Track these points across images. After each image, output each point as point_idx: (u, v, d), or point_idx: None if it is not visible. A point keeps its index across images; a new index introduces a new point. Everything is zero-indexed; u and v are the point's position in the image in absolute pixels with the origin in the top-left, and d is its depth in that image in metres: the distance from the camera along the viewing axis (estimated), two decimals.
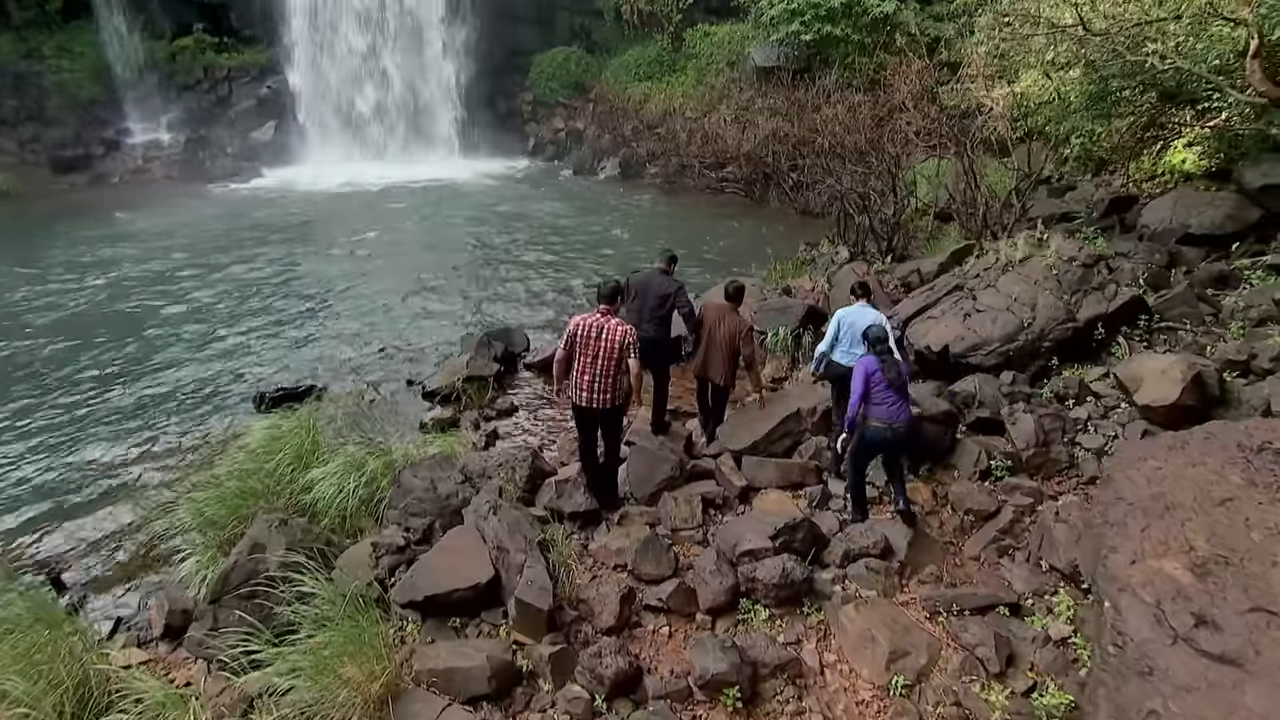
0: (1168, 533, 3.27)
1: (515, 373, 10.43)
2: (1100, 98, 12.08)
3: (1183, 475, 3.44)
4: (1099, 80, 11.72)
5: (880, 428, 5.60)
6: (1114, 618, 3.21)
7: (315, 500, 6.51)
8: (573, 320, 6.12)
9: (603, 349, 5.95)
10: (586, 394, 6.06)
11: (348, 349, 11.03)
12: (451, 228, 18.42)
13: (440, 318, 12.28)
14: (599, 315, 6.05)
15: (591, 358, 5.99)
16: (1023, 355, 6.82)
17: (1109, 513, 3.47)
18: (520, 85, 28.45)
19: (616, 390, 6.10)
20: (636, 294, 7.30)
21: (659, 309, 7.29)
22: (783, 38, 19.45)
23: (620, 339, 5.94)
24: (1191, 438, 3.77)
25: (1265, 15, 9.01)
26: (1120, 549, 3.29)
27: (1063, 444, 6.09)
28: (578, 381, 6.09)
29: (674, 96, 25.67)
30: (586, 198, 22.41)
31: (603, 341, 5.95)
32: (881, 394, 5.59)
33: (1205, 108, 11.79)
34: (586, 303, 13.06)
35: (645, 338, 6.88)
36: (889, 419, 5.57)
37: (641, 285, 7.39)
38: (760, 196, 21.81)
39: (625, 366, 6.04)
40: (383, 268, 14.84)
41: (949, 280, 7.95)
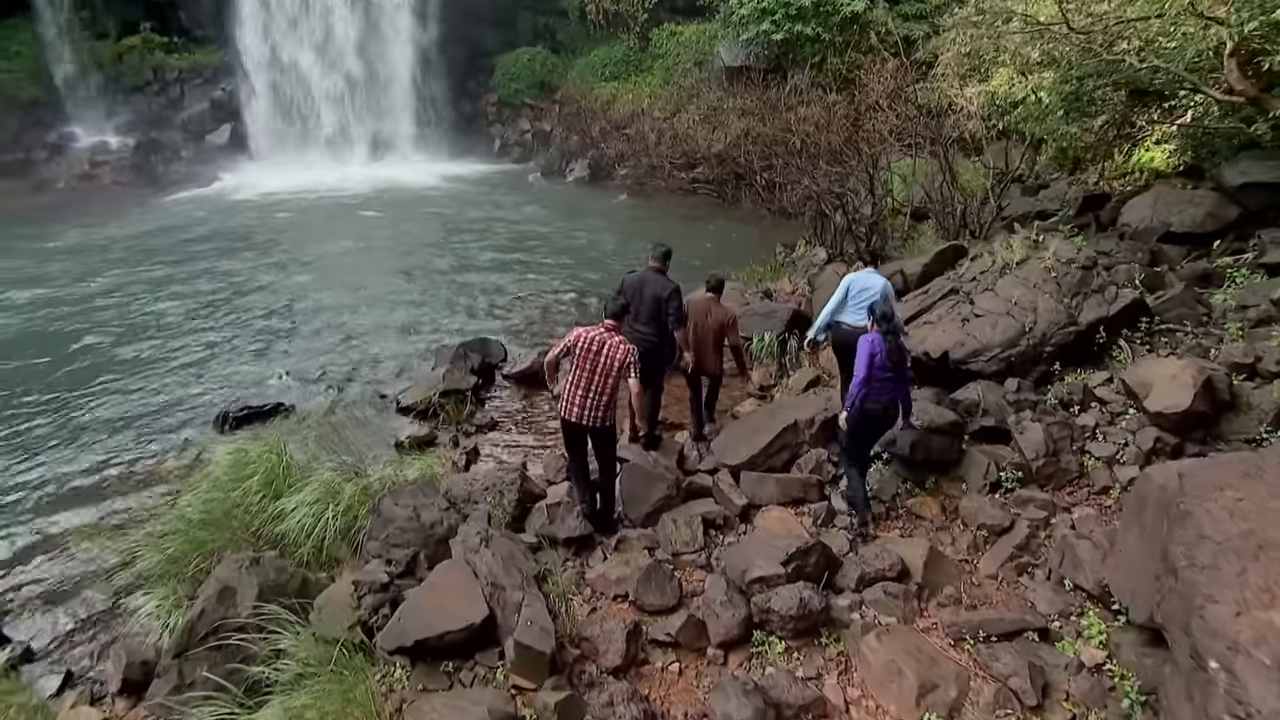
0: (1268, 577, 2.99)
1: (493, 385, 10.01)
2: (1076, 97, 12.08)
3: (1268, 508, 3.20)
4: (1074, 80, 11.70)
5: (876, 409, 5.67)
6: (1229, 683, 2.88)
7: (288, 531, 6.07)
8: (575, 331, 5.91)
9: (601, 365, 5.76)
10: (578, 409, 5.83)
11: (315, 363, 10.48)
12: (418, 233, 17.85)
13: (411, 329, 11.77)
14: (602, 330, 5.84)
15: (588, 373, 5.77)
16: (1024, 360, 6.64)
17: (1195, 553, 3.20)
18: (485, 86, 27.92)
19: (609, 409, 5.90)
20: (631, 295, 6.91)
21: (655, 311, 6.95)
22: (753, 37, 19.25)
23: (621, 358, 5.75)
24: (1265, 462, 3.54)
25: (1238, 8, 9.02)
26: (1219, 598, 3.03)
27: (1072, 453, 5.91)
28: (570, 395, 5.85)
29: (642, 97, 25.39)
30: (556, 200, 21.99)
31: (602, 358, 5.75)
32: (881, 375, 5.59)
33: (1172, 106, 11.87)
34: (563, 310, 12.68)
35: (642, 340, 6.76)
36: (882, 400, 5.66)
37: (635, 286, 7.03)
38: (733, 197, 21.61)
39: (622, 384, 5.88)
40: (348, 276, 14.25)
41: (943, 284, 7.76)
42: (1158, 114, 12.77)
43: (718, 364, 7.45)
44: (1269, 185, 9.48)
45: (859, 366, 5.58)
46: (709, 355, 7.33)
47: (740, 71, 22.48)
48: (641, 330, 7.00)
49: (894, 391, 5.71)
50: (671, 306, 6.83)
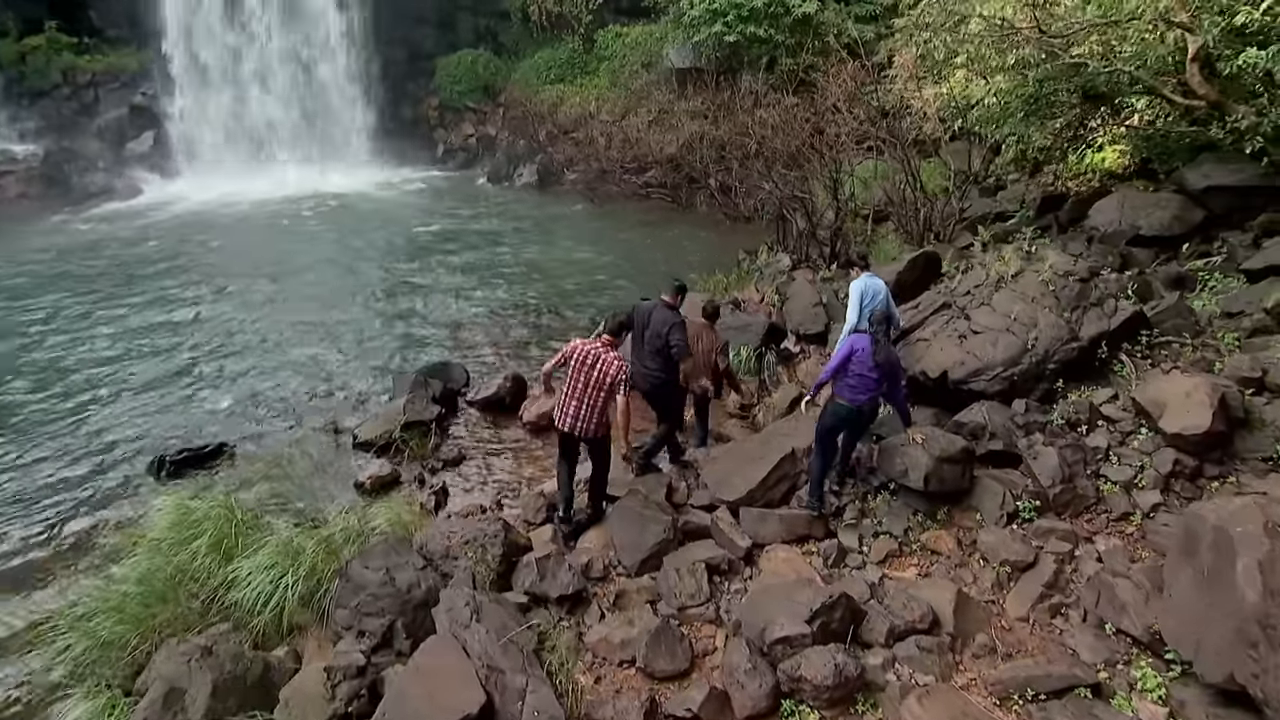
0: None
1: (457, 413, 9.36)
2: (1036, 100, 12.07)
3: None
4: (1035, 83, 11.68)
5: (845, 406, 5.76)
6: None
7: (243, 600, 5.38)
8: (572, 343, 6.07)
9: (593, 379, 5.88)
10: (571, 419, 6.01)
11: (259, 397, 9.62)
12: (362, 247, 16.90)
13: (363, 354, 10.96)
14: (599, 344, 5.95)
15: (581, 385, 5.91)
16: (1027, 379, 6.39)
17: None
18: (425, 90, 26.92)
19: (601, 421, 6.05)
20: (638, 325, 6.80)
21: (658, 344, 6.60)
22: (705, 39, 18.91)
23: (614, 373, 5.82)
24: None
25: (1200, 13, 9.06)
26: None
27: (1086, 477, 5.67)
28: (564, 404, 6.04)
29: (589, 100, 24.85)
30: (504, 207, 21.28)
31: (595, 371, 5.86)
32: (861, 373, 5.68)
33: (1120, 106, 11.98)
34: (526, 327, 12.05)
35: (648, 374, 6.75)
36: (854, 400, 5.74)
37: (642, 317, 6.79)
38: (687, 201, 21.26)
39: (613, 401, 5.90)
40: (289, 297, 13.30)
41: (934, 297, 7.49)
42: (1108, 116, 12.92)
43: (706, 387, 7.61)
44: (1232, 189, 9.56)
45: (832, 361, 5.83)
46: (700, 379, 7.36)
47: (690, 73, 22.17)
48: (648, 366, 6.74)
49: (873, 391, 5.77)
50: (673, 339, 6.47)
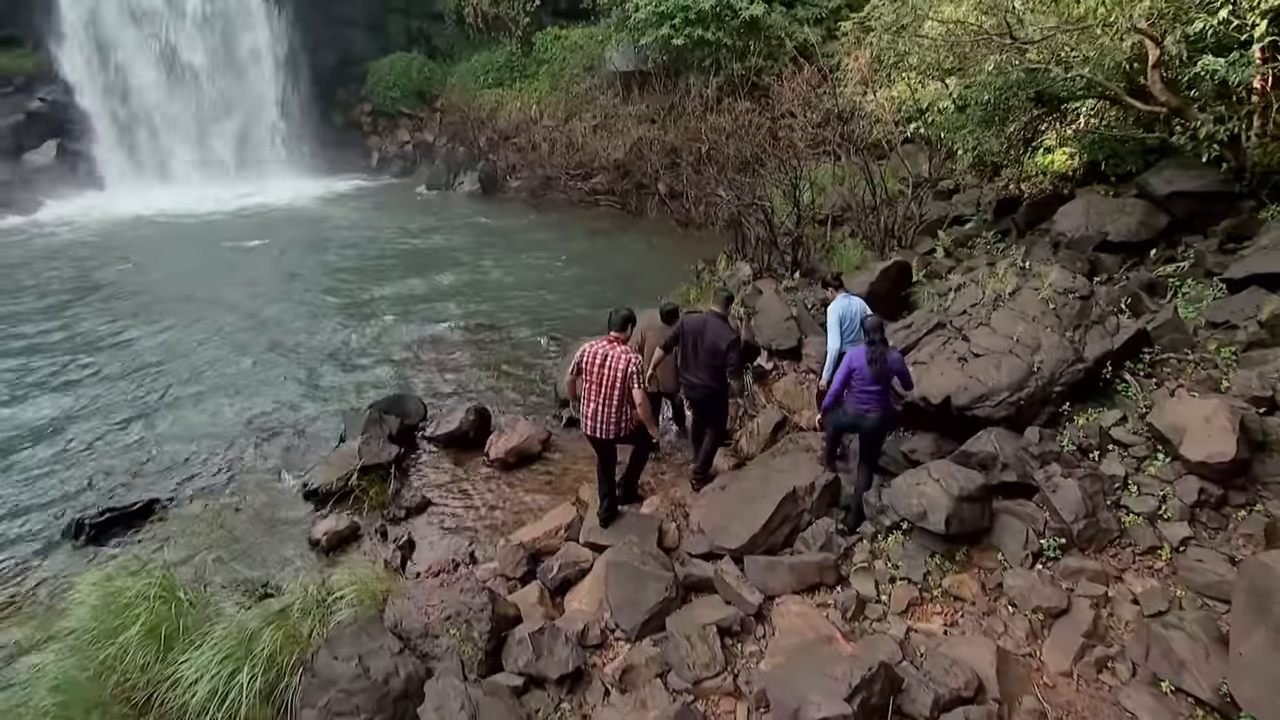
0: None
1: (416, 452, 8.64)
2: (993, 105, 12.04)
3: None
4: (993, 89, 11.62)
5: (851, 414, 5.90)
6: None
7: (191, 704, 4.62)
8: (580, 347, 6.02)
9: (605, 378, 5.80)
10: (591, 423, 5.99)
11: (192, 442, 8.67)
12: (295, 264, 15.82)
13: (306, 388, 10.06)
14: (606, 343, 5.88)
15: (595, 386, 5.86)
16: (1033, 403, 6.10)
17: None
18: (357, 95, 25.79)
19: (622, 421, 5.95)
20: (687, 338, 6.68)
21: (712, 357, 6.50)
22: (651, 42, 18.46)
23: (624, 368, 5.75)
24: None
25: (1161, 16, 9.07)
26: None
27: (1107, 508, 5.40)
28: (583, 410, 6.01)
29: (529, 104, 24.14)
30: (446, 218, 20.38)
31: (605, 370, 5.80)
32: (861, 387, 5.76)
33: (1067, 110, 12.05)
34: (487, 348, 11.32)
35: (700, 385, 6.69)
36: (861, 411, 5.83)
37: (694, 330, 6.63)
38: (637, 208, 20.79)
39: (630, 398, 5.81)
40: (217, 326, 12.20)
41: (928, 317, 7.17)
42: (1056, 120, 13.03)
43: None
44: (1194, 194, 9.62)
45: (836, 377, 5.89)
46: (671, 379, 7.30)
47: (634, 76, 21.73)
48: (700, 377, 6.66)
49: (878, 404, 5.81)
50: (732, 357, 6.45)
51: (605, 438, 5.97)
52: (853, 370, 5.76)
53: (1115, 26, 8.66)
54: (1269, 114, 9.58)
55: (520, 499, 7.72)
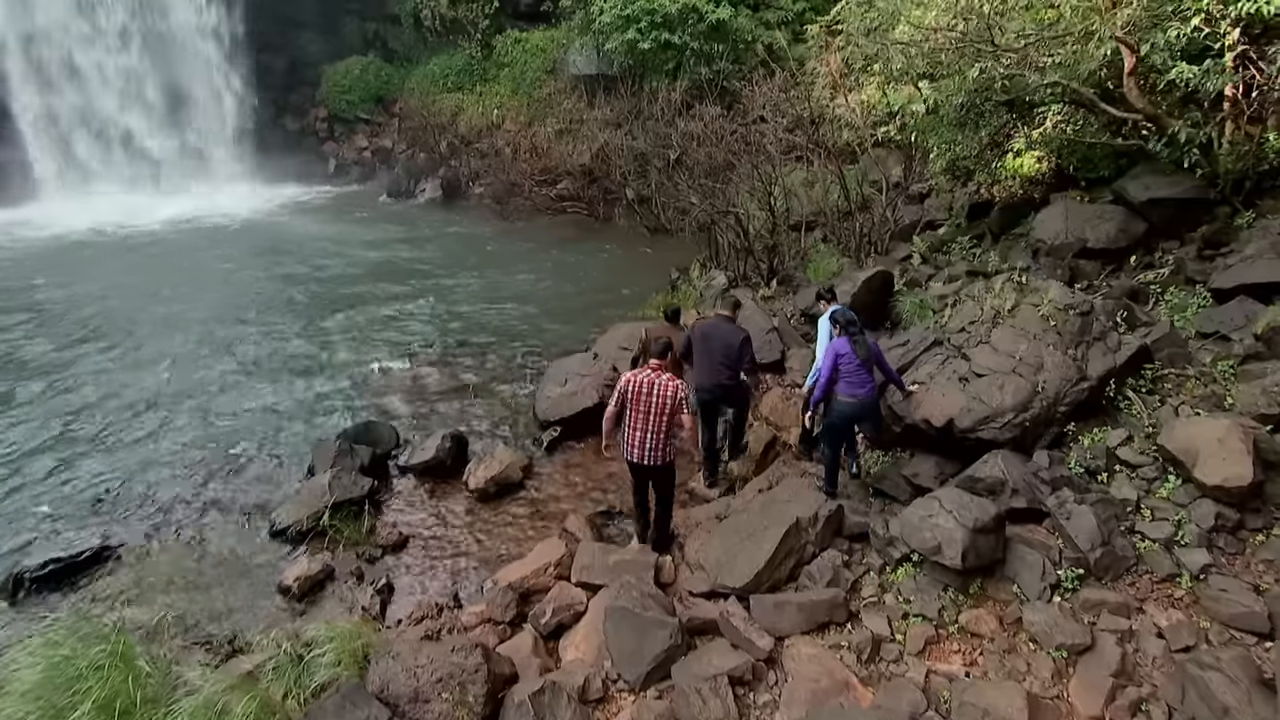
0: None
1: (390, 482, 8.19)
2: (968, 109, 11.97)
3: None
4: (966, 93, 11.55)
5: (849, 403, 6.03)
6: None
7: None
8: (624, 376, 6.06)
9: (654, 405, 5.87)
10: (638, 450, 6.00)
11: (144, 479, 8.07)
12: (250, 279, 15.10)
13: (268, 416, 9.49)
14: (650, 371, 5.96)
15: (643, 414, 5.91)
16: (1038, 424, 5.94)
17: None
18: (312, 100, 24.95)
19: (668, 447, 6.02)
20: (700, 342, 7.18)
21: (727, 357, 7.02)
22: (617, 46, 18.13)
23: (672, 395, 5.86)
24: None
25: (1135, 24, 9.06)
26: None
27: (1121, 534, 5.24)
28: (629, 438, 6.01)
29: (491, 108, 23.63)
30: (409, 228, 19.77)
31: (654, 398, 5.87)
32: (852, 373, 5.96)
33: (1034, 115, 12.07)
34: (460, 370, 10.84)
35: (719, 383, 7.06)
36: (857, 394, 6.01)
37: (707, 334, 7.19)
38: (604, 215, 20.45)
39: (679, 422, 5.93)
40: (170, 347, 11.51)
41: (924, 335, 6.97)
42: (1024, 124, 13.05)
43: None
44: (1172, 201, 9.61)
45: (824, 367, 6.02)
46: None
47: (598, 80, 21.37)
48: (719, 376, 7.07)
49: (870, 383, 6.06)
50: (746, 353, 7.08)
51: (653, 464, 6.02)
52: (840, 356, 5.96)
53: (1095, 34, 8.58)
54: (1240, 121, 9.64)
55: (504, 532, 7.34)
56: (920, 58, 12.43)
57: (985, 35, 9.31)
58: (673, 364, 6.52)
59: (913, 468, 6.48)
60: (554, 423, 8.91)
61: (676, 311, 8.67)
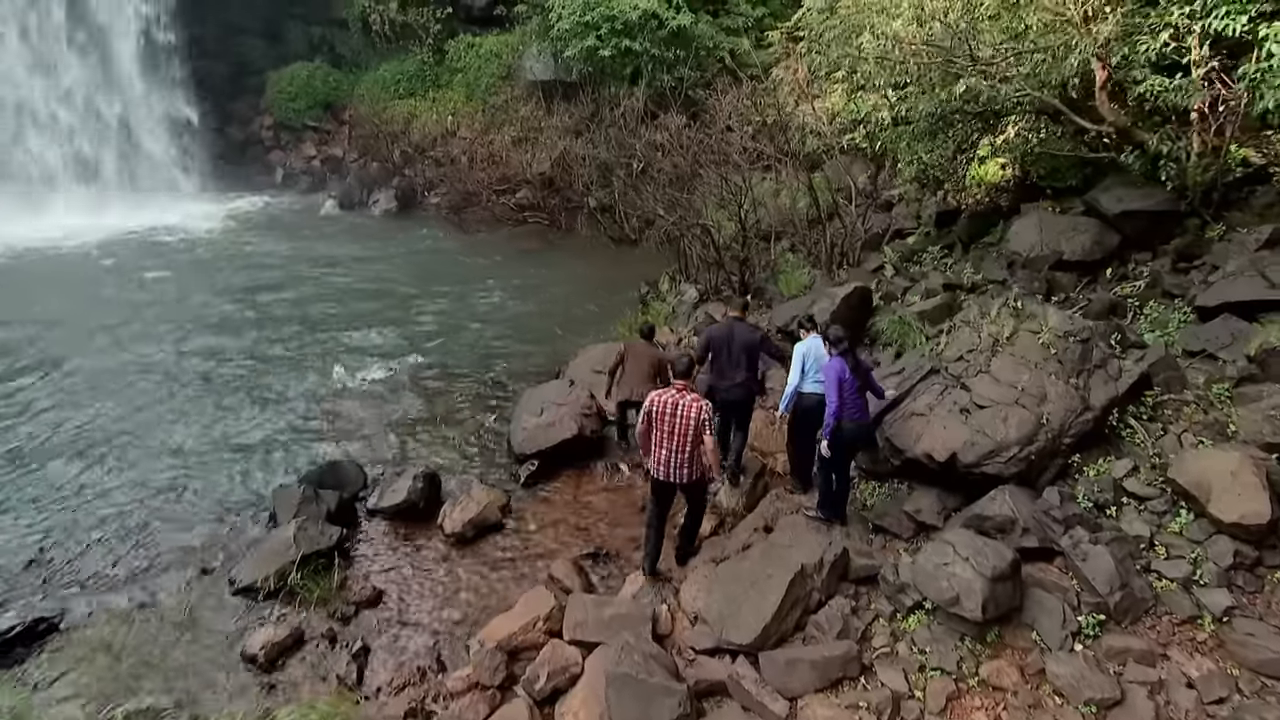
0: None
1: (359, 528, 7.66)
2: (938, 119, 11.91)
3: None
4: (940, 104, 11.48)
5: (852, 428, 6.00)
6: None
7: None
8: (649, 397, 6.05)
9: (678, 426, 5.87)
10: (664, 469, 6.02)
11: (83, 536, 7.37)
12: (192, 300, 14.21)
13: (219, 455, 8.83)
14: (675, 391, 5.95)
15: (667, 434, 5.91)
16: (1043, 456, 5.77)
17: None
18: (256, 108, 23.91)
19: (694, 465, 6.00)
20: (720, 347, 7.28)
21: (746, 356, 7.20)
22: (577, 53, 17.72)
23: (696, 416, 5.84)
24: None
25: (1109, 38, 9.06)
26: None
27: (1137, 573, 5.09)
28: (655, 456, 6.03)
29: (445, 115, 22.99)
30: (362, 241, 19.00)
31: (678, 419, 5.86)
32: (852, 396, 5.94)
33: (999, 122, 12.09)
34: (431, 398, 10.31)
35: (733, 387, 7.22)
36: (856, 418, 6.00)
37: (724, 337, 7.30)
38: (566, 224, 19.99)
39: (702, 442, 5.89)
40: (109, 380, 10.67)
41: (919, 363, 6.75)
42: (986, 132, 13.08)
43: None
44: (1144, 213, 9.65)
45: (830, 394, 5.90)
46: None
47: (555, 86, 20.92)
48: (734, 380, 7.23)
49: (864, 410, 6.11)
50: (770, 346, 7.52)
51: (680, 483, 6.06)
52: (843, 380, 5.89)
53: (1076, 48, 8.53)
54: (1207, 134, 9.74)
55: (486, 580, 6.91)
56: (887, 68, 12.36)
57: (964, 50, 9.16)
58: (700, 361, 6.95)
59: (914, 503, 6.26)
60: (531, 456, 8.49)
61: (652, 329, 8.90)
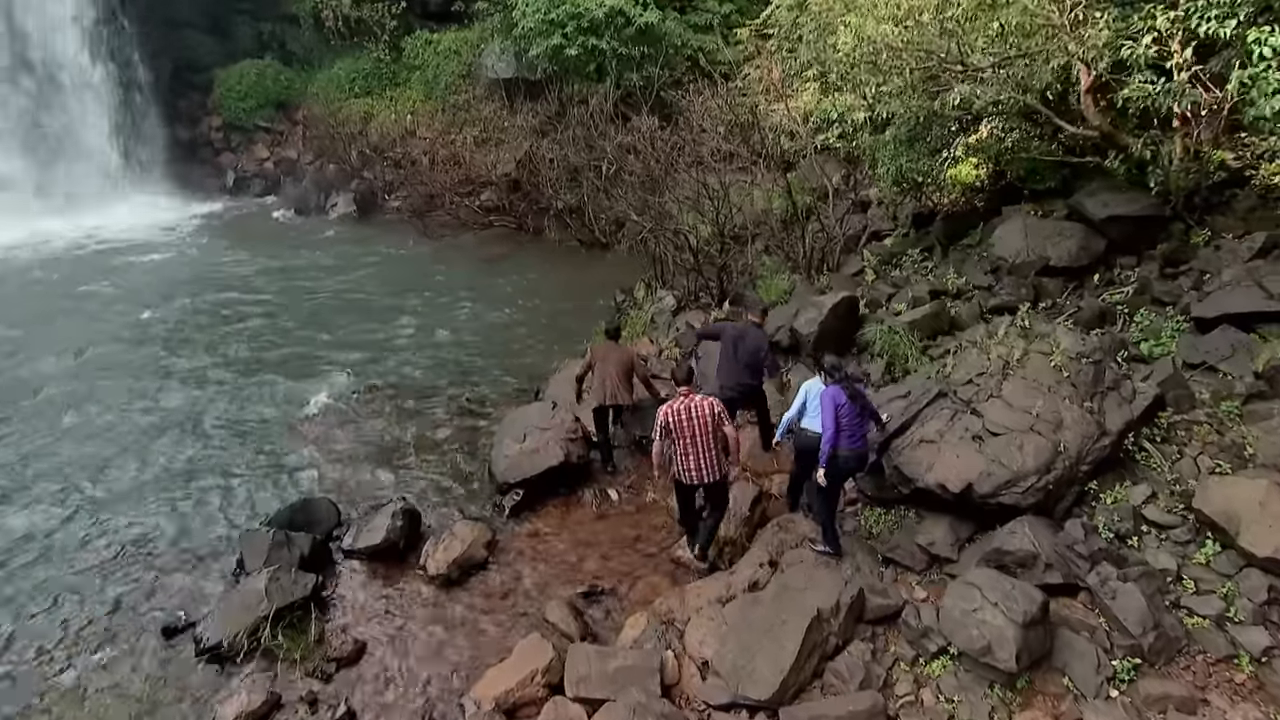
0: None
1: (335, 572, 7.16)
2: (921, 124, 11.72)
3: None
4: (921, 109, 11.28)
5: (848, 456, 5.91)
6: None
7: None
8: (660, 412, 6.27)
9: (698, 427, 6.12)
10: (696, 474, 6.23)
11: (21, 593, 6.76)
12: (135, 317, 13.32)
13: (176, 493, 8.15)
14: (683, 397, 6.21)
15: (690, 439, 6.13)
16: (1061, 484, 5.56)
17: None
18: (204, 108, 22.82)
19: (722, 460, 6.28)
20: (728, 343, 7.68)
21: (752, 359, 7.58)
22: (543, 52, 17.19)
23: (710, 412, 6.16)
24: None
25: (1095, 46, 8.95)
26: None
27: (1167, 609, 4.90)
28: (682, 464, 6.23)
29: (403, 114, 22.24)
30: (322, 248, 18.21)
31: (695, 421, 6.12)
32: (851, 424, 5.84)
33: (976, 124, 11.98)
34: (383, 422, 9.76)
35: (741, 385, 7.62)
36: (855, 447, 5.92)
37: (736, 336, 7.70)
38: (534, 227, 19.44)
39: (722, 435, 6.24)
40: (45, 409, 9.90)
41: (926, 386, 6.47)
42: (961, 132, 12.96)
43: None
44: (1129, 218, 9.58)
45: (826, 422, 5.79)
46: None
47: (517, 84, 20.33)
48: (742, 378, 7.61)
49: (864, 432, 6.03)
50: (769, 360, 7.72)
51: (712, 481, 6.25)
52: (839, 407, 5.79)
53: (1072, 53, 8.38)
54: (1189, 139, 9.70)
55: (476, 627, 6.49)
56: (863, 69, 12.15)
57: (954, 55, 8.94)
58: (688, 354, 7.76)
59: (926, 534, 6.01)
60: (515, 484, 8.06)
61: (618, 329, 9.39)
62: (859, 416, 5.91)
